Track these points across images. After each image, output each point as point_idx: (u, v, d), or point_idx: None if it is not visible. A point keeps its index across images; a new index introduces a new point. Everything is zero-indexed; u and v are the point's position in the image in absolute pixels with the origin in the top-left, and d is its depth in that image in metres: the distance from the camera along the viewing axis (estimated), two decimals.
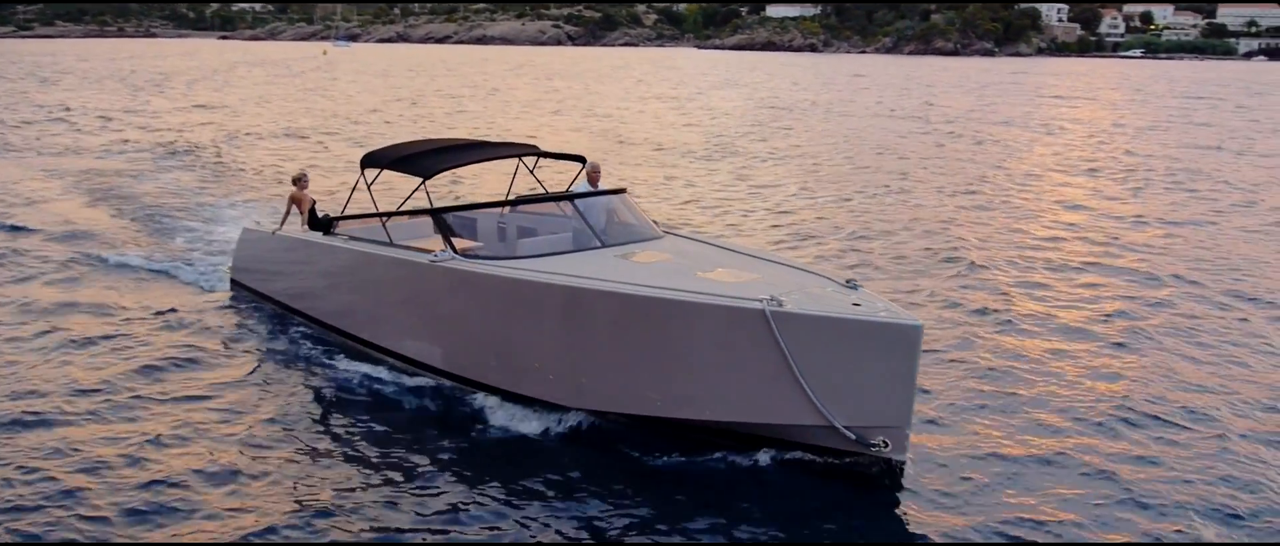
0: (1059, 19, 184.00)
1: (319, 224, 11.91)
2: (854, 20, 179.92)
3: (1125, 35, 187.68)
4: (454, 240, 9.84)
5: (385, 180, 11.57)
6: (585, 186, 11.24)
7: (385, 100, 51.60)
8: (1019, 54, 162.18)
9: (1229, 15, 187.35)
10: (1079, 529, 7.28)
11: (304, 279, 11.98)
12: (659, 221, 11.00)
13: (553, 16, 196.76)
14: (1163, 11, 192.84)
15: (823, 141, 34.87)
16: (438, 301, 9.70)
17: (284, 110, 44.65)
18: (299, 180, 12.45)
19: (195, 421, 9.03)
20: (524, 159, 11.67)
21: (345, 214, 11.65)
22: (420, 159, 10.72)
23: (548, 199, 10.71)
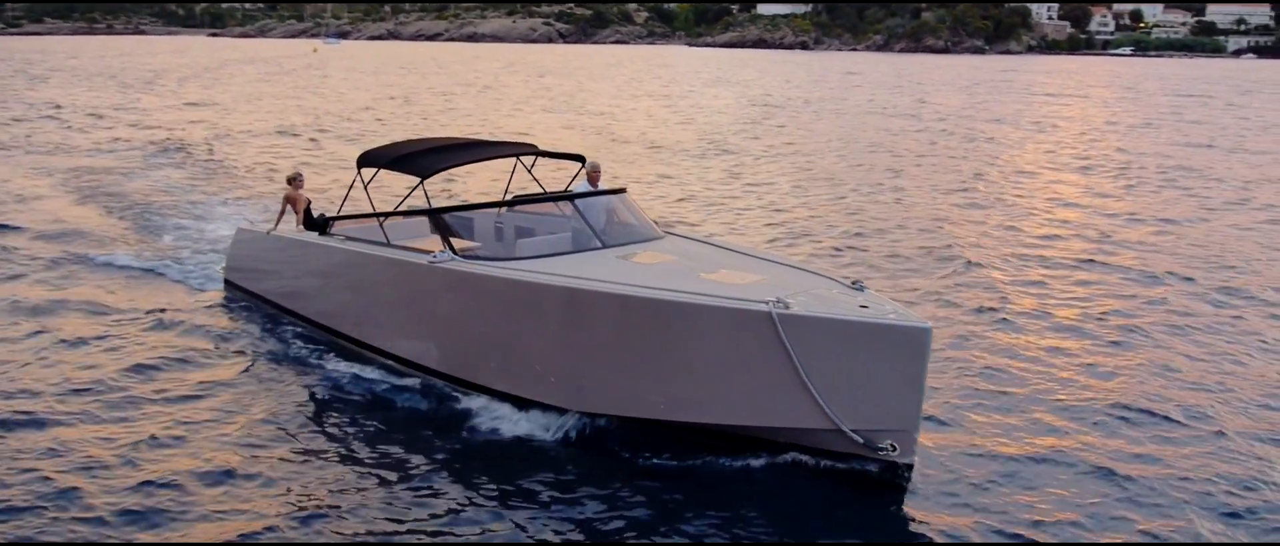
0: (1049, 17, 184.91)
1: (315, 224, 11.81)
2: (845, 18, 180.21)
3: (1115, 33, 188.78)
4: (453, 240, 9.77)
5: (381, 179, 11.49)
6: (585, 186, 11.16)
7: (377, 98, 51.41)
8: (1009, 52, 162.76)
9: (1218, 13, 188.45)
10: (1076, 527, 7.27)
11: (300, 279, 11.87)
12: (658, 221, 10.93)
13: (544, 14, 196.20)
14: (1152, 9, 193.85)
15: (816, 139, 34.87)
16: (437, 303, 9.61)
17: (275, 108, 44.44)
18: (294, 180, 12.35)
19: (189, 421, 8.95)
20: (522, 158, 11.58)
21: (342, 214, 11.54)
22: (418, 158, 10.60)
23: (548, 199, 10.63)
